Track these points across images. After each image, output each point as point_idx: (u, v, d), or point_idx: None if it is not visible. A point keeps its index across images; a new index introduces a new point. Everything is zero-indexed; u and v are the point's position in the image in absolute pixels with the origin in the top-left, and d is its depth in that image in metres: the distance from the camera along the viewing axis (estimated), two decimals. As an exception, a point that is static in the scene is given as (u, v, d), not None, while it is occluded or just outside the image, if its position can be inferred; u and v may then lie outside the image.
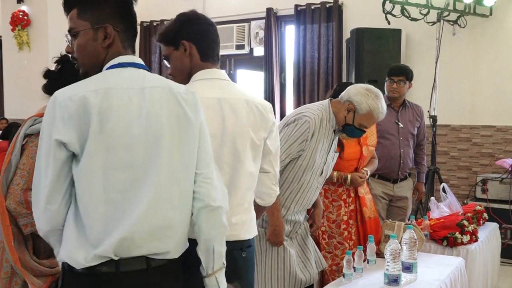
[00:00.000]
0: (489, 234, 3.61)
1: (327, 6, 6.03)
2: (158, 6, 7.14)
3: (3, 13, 7.99)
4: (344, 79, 5.92)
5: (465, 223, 3.21)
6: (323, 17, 6.06)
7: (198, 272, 1.60)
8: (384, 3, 4.65)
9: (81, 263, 1.42)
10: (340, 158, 3.05)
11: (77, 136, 1.40)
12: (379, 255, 2.82)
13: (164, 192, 1.49)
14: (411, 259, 2.50)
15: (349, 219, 3.17)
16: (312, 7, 6.12)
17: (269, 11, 6.39)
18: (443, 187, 3.74)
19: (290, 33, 6.50)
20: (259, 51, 6.65)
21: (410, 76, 3.96)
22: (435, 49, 4.94)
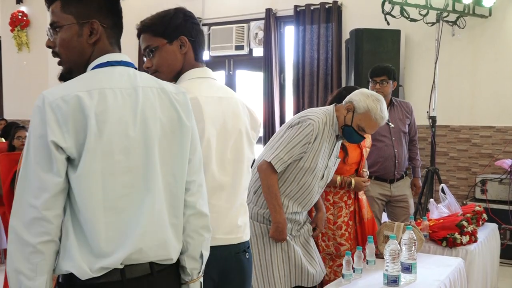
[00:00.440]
0: (489, 234, 3.61)
1: (327, 6, 6.03)
2: (157, 6, 7.09)
3: (2, 14, 8.00)
4: (343, 79, 5.93)
5: (465, 223, 3.21)
6: (322, 17, 6.06)
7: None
8: (383, 4, 4.65)
9: (88, 273, 1.33)
10: (343, 163, 3.06)
11: (74, 140, 1.31)
12: (379, 255, 2.82)
13: (164, 198, 1.44)
14: (410, 259, 2.50)
15: (349, 220, 3.18)
16: (311, 8, 6.12)
17: (269, 11, 6.39)
18: (442, 188, 3.74)
19: (289, 33, 6.50)
20: (258, 51, 6.65)
21: (392, 75, 3.94)
22: (434, 49, 4.93)
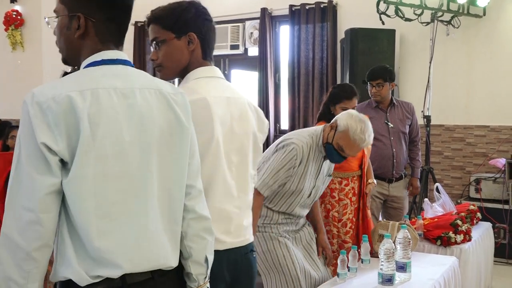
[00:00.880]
0: (483, 233, 3.62)
1: (322, 6, 6.03)
2: (155, 6, 7.08)
3: (-4, 13, 7.95)
4: (338, 79, 5.93)
5: (459, 222, 3.22)
6: (317, 17, 6.06)
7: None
8: (378, 4, 4.65)
9: (86, 279, 1.28)
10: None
11: (66, 143, 1.24)
12: (373, 254, 2.83)
13: (160, 205, 1.38)
14: (405, 258, 2.51)
15: (353, 217, 3.22)
16: (306, 7, 6.12)
17: (264, 11, 6.38)
18: (437, 187, 3.75)
19: (284, 33, 6.49)
20: (253, 51, 6.64)
21: (388, 77, 3.95)
22: (429, 49, 4.95)
